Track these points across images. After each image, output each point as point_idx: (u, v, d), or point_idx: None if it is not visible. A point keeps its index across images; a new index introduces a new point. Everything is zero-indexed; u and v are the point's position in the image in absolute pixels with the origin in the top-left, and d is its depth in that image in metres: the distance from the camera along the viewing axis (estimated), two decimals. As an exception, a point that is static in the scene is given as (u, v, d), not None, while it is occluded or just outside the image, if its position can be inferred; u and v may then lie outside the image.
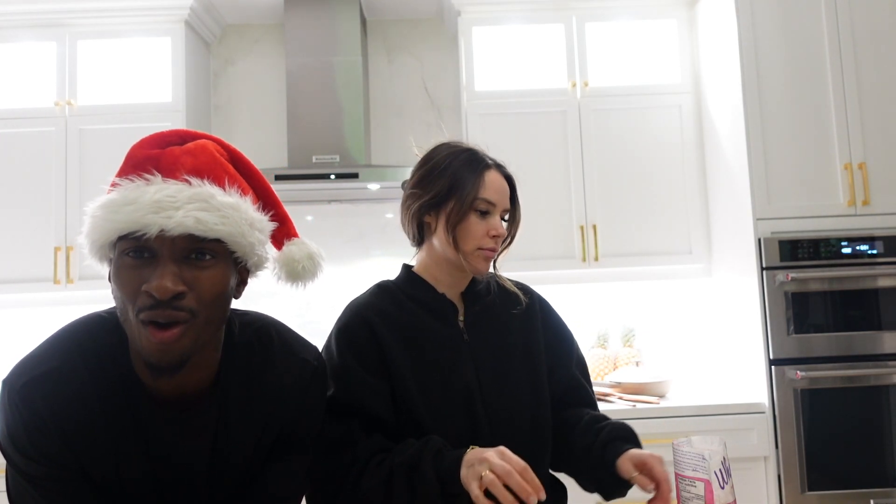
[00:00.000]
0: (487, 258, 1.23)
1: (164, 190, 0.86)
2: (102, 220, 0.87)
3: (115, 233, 0.86)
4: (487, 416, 1.19)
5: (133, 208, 0.85)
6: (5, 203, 2.69)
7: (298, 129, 2.82)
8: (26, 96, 2.75)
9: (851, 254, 2.40)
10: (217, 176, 0.91)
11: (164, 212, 0.84)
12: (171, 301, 0.84)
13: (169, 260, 0.85)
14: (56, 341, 0.95)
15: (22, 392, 0.88)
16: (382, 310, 1.25)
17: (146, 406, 0.92)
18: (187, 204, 0.85)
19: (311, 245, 1.02)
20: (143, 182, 0.87)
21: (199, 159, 0.91)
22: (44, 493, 0.89)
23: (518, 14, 2.85)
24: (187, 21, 2.81)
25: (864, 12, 2.51)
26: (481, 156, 1.30)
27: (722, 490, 0.99)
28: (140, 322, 0.85)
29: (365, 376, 1.15)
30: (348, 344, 1.19)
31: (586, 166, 2.77)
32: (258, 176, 1.01)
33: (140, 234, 0.84)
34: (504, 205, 1.25)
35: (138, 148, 0.93)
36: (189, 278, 0.86)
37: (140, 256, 0.86)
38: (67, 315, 1.00)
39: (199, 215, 0.85)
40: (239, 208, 0.90)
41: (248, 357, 0.99)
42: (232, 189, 0.91)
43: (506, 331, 1.28)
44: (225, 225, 0.88)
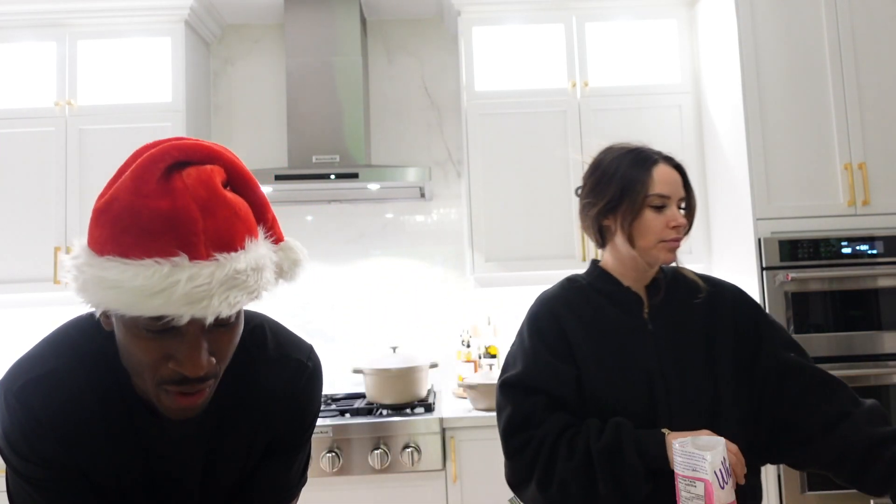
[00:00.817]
0: (671, 248, 1.28)
1: (195, 279, 0.77)
2: (122, 303, 0.77)
3: (136, 314, 0.78)
4: (668, 402, 1.24)
5: (163, 302, 0.76)
6: (5, 203, 2.69)
7: (298, 130, 2.82)
8: (26, 96, 2.75)
9: (851, 254, 2.40)
10: (236, 233, 0.83)
11: (198, 304, 0.77)
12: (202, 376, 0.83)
13: (199, 335, 0.82)
14: (52, 343, 0.94)
15: (18, 394, 0.88)
16: (569, 301, 1.34)
17: (141, 414, 0.92)
18: (219, 287, 0.79)
19: (297, 251, 0.96)
20: (170, 266, 0.77)
21: (218, 219, 0.81)
22: (43, 493, 0.89)
23: (518, 14, 2.85)
24: (187, 21, 2.81)
25: (864, 12, 2.51)
26: (647, 153, 1.34)
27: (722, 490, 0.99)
28: (163, 390, 0.84)
29: (551, 360, 1.27)
30: (538, 331, 1.31)
31: (587, 166, 2.77)
32: (252, 185, 0.92)
33: (168, 320, 0.78)
34: (679, 194, 1.29)
35: (138, 195, 0.78)
36: (214, 344, 0.84)
37: (162, 331, 0.81)
38: (67, 315, 1.00)
39: (231, 298, 0.79)
40: (259, 266, 0.84)
41: (242, 359, 0.99)
42: (251, 241, 0.84)
43: (688, 321, 1.32)
44: (250, 294, 0.83)
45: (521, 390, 1.26)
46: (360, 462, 2.35)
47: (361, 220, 3.10)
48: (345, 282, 3.08)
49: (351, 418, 2.42)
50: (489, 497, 2.38)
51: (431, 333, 3.05)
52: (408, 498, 2.37)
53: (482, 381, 2.50)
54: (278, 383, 1.01)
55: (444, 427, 2.40)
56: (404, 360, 2.55)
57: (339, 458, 2.34)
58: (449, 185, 3.13)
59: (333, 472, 2.33)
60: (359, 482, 2.36)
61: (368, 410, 2.50)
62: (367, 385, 2.57)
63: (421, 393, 2.56)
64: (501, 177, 2.78)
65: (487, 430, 2.41)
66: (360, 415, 2.47)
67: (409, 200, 3.06)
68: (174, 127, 2.72)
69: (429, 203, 3.11)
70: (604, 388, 1.25)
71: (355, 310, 3.06)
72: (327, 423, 2.36)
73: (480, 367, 2.85)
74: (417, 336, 3.04)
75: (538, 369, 1.26)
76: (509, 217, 2.76)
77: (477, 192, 2.77)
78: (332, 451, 2.34)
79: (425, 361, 2.60)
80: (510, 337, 3.00)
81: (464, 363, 2.86)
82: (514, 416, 1.24)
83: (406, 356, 2.58)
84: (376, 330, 3.05)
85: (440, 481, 2.38)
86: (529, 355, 1.29)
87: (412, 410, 2.49)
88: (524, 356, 1.29)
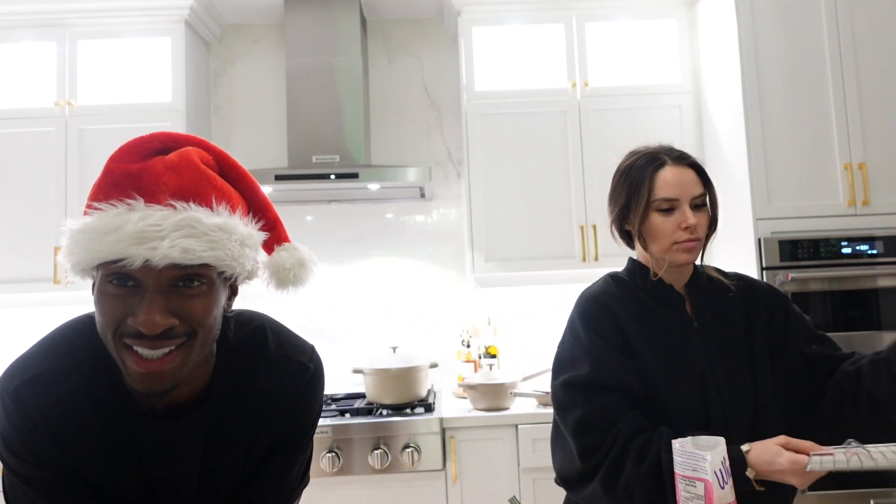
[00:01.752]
0: (687, 249, 1.27)
1: (148, 218, 0.80)
2: (81, 246, 0.82)
3: (96, 261, 0.82)
4: (720, 401, 1.24)
5: (114, 238, 0.79)
6: (5, 203, 2.69)
7: (298, 129, 2.82)
8: (26, 96, 2.75)
9: (851, 254, 2.40)
10: (204, 193, 0.85)
11: (148, 242, 0.79)
12: (159, 335, 0.81)
13: (155, 292, 0.81)
14: (47, 344, 0.94)
15: (14, 395, 0.88)
16: (618, 296, 1.33)
17: (136, 416, 0.92)
18: (172, 232, 0.80)
19: (302, 251, 0.97)
20: (125, 207, 0.81)
21: (184, 176, 0.84)
22: (40, 493, 0.89)
23: (518, 14, 2.85)
24: (187, 21, 2.81)
25: (864, 12, 2.51)
26: (655, 155, 1.34)
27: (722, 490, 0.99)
28: (123, 346, 0.83)
29: (616, 356, 1.24)
30: (595, 328, 1.27)
31: (586, 166, 2.77)
32: (247, 179, 0.95)
33: (123, 263, 0.80)
34: (690, 193, 1.28)
35: (117, 161, 0.86)
36: (178, 307, 0.83)
37: (124, 284, 0.82)
38: (67, 315, 1.00)
39: (186, 244, 0.80)
40: (228, 228, 0.85)
41: (242, 361, 0.98)
42: (220, 206, 0.86)
43: (728, 318, 1.33)
44: (213, 250, 0.83)
45: (590, 389, 1.22)
46: (360, 462, 2.35)
47: (361, 220, 3.10)
48: (345, 282, 3.08)
49: (351, 418, 2.42)
50: (489, 497, 2.38)
51: (431, 333, 3.04)
52: (408, 498, 2.37)
53: (482, 381, 2.50)
54: (279, 385, 1.01)
55: (444, 427, 2.40)
56: (404, 360, 2.55)
57: (339, 458, 2.34)
58: (449, 185, 3.13)
59: (333, 472, 2.33)
60: (359, 482, 2.36)
61: (368, 410, 2.50)
62: (367, 385, 2.57)
63: (421, 393, 2.56)
64: (501, 177, 2.78)
65: (487, 430, 2.41)
66: (360, 415, 2.47)
67: (409, 200, 3.06)
68: (174, 127, 2.72)
69: (429, 203, 3.11)
70: (662, 386, 1.24)
71: (355, 310, 3.06)
72: (327, 423, 2.36)
73: (480, 367, 2.85)
74: (417, 336, 3.04)
75: (605, 366, 1.23)
76: (509, 217, 2.76)
77: (477, 192, 2.77)
78: (332, 451, 2.34)
79: (425, 361, 2.60)
80: (510, 337, 3.02)
81: (464, 363, 2.86)
82: (585, 417, 1.20)
83: (406, 356, 2.58)
84: (376, 330, 3.05)
85: (440, 481, 2.38)
86: (592, 353, 1.25)
87: (412, 410, 2.49)
88: (586, 354, 1.25)
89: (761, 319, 1.34)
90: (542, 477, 2.39)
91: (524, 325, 3.04)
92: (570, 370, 1.26)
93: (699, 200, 1.30)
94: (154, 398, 0.86)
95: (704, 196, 1.31)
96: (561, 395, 1.26)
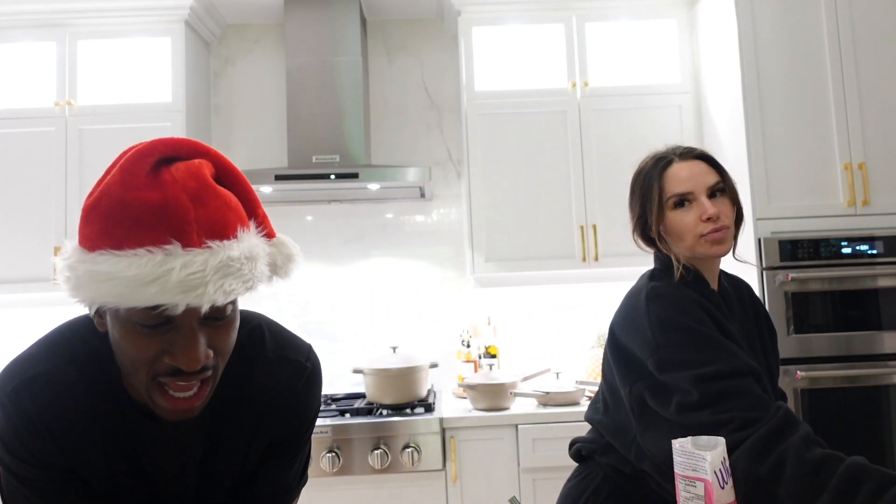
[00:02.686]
0: (716, 240, 1.23)
1: (189, 266, 0.77)
2: (116, 296, 0.77)
3: (131, 306, 0.78)
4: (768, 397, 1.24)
5: (157, 290, 0.76)
6: (5, 203, 2.69)
7: (298, 129, 2.82)
8: (26, 96, 2.75)
9: (851, 254, 2.40)
10: (230, 224, 0.83)
11: (193, 291, 0.77)
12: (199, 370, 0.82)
13: (193, 328, 0.81)
14: (46, 345, 0.94)
15: (11, 395, 0.88)
16: (689, 286, 1.24)
17: (135, 417, 0.92)
18: (214, 275, 0.78)
19: (289, 246, 0.96)
20: (163, 254, 0.77)
21: (210, 208, 0.81)
22: (39, 494, 0.89)
23: (518, 14, 2.85)
24: (187, 21, 2.81)
25: (864, 12, 2.51)
26: (662, 155, 1.30)
27: (722, 490, 0.99)
28: (156, 386, 0.83)
29: (727, 341, 1.14)
30: (695, 318, 1.16)
31: (586, 166, 2.77)
32: (241, 180, 0.92)
33: (163, 309, 0.77)
34: (704, 184, 1.24)
35: (127, 188, 0.79)
36: (210, 337, 0.84)
37: (159, 324, 0.80)
38: (67, 315, 1.00)
39: (227, 286, 0.79)
40: (253, 256, 0.84)
41: (240, 361, 0.98)
42: (243, 231, 0.84)
43: (749, 316, 1.33)
44: (246, 282, 0.82)
45: (735, 376, 1.10)
46: (360, 462, 2.35)
47: (361, 220, 3.10)
48: (345, 282, 3.08)
49: (351, 418, 2.42)
50: (489, 497, 2.38)
51: (431, 333, 3.05)
52: (408, 498, 2.37)
53: (482, 381, 2.50)
54: (277, 384, 1.01)
55: (444, 427, 2.40)
56: (404, 360, 2.55)
57: (339, 458, 2.34)
58: (449, 185, 3.13)
59: (333, 472, 2.33)
60: (359, 482, 2.36)
61: (368, 410, 2.50)
62: (367, 385, 2.57)
63: (421, 393, 2.56)
64: (501, 177, 2.78)
65: (487, 429, 2.41)
66: (360, 415, 2.47)
67: (409, 200, 3.06)
68: (174, 127, 2.72)
69: (429, 203, 3.11)
70: None
71: (355, 310, 3.06)
72: (327, 423, 2.36)
73: (480, 367, 2.85)
74: (417, 336, 3.04)
75: (727, 352, 1.12)
76: (509, 217, 2.76)
77: (477, 192, 2.77)
78: (332, 451, 2.34)
79: (425, 361, 2.60)
80: (510, 337, 3.02)
81: (464, 363, 2.86)
82: (736, 407, 1.08)
83: (406, 356, 2.58)
84: (376, 330, 3.05)
85: (440, 481, 2.38)
86: (707, 343, 1.13)
87: (412, 410, 2.49)
88: (702, 345, 1.13)
89: (761, 322, 1.34)
90: (542, 477, 2.39)
91: (524, 325, 3.04)
92: (694, 368, 1.12)
93: (717, 188, 1.25)
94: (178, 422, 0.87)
95: (721, 183, 1.26)
96: (695, 392, 1.11)
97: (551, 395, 2.50)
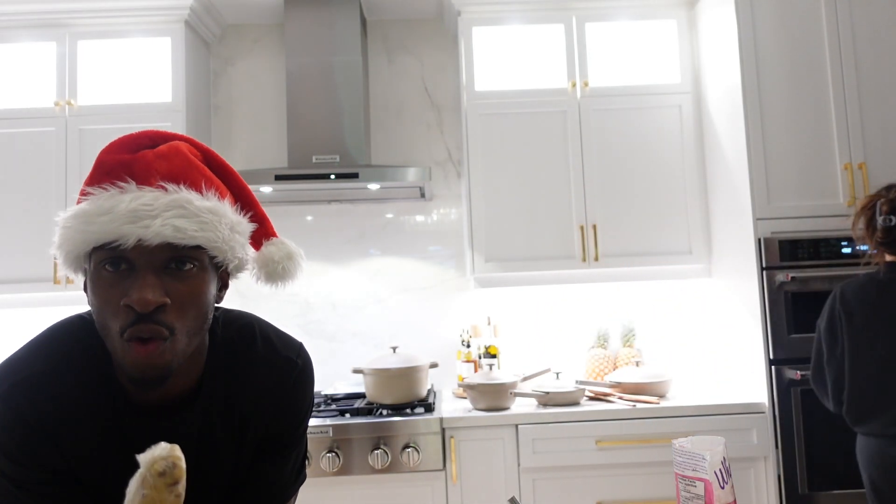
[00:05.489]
0: None
1: (140, 198, 0.83)
2: (75, 231, 0.84)
3: (90, 244, 0.84)
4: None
5: (108, 219, 0.82)
6: (5, 203, 2.69)
7: (298, 129, 2.82)
8: (26, 96, 2.75)
9: (851, 254, 2.40)
10: (194, 179, 0.88)
11: (140, 221, 0.81)
12: (152, 314, 0.82)
13: (148, 271, 0.83)
14: (39, 345, 0.94)
15: (6, 396, 0.87)
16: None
17: (130, 416, 0.92)
18: (164, 212, 0.82)
19: (290, 245, 0.99)
20: (117, 190, 0.84)
21: (174, 163, 0.88)
22: (33, 497, 0.88)
23: (518, 14, 2.85)
24: (187, 21, 2.81)
25: (864, 12, 2.51)
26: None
27: (722, 490, 0.99)
28: (124, 340, 0.83)
29: None
30: None
31: (586, 166, 2.77)
32: (234, 175, 0.97)
33: (116, 244, 0.82)
34: None
35: (108, 153, 0.89)
36: (170, 289, 0.84)
37: (117, 268, 0.83)
38: (67, 315, 1.00)
39: (178, 223, 0.83)
40: (218, 212, 0.88)
41: (231, 358, 0.98)
42: (209, 192, 0.89)
43: None
44: (204, 231, 0.85)
45: None
46: (360, 462, 2.35)
47: (361, 220, 3.10)
48: (345, 282, 3.08)
49: (351, 418, 2.42)
50: (489, 497, 2.38)
51: (431, 333, 3.05)
52: (408, 498, 2.37)
53: (482, 381, 2.50)
54: (268, 381, 1.01)
55: (444, 427, 2.40)
56: (404, 360, 2.55)
57: (339, 458, 2.34)
58: (449, 185, 3.13)
59: (333, 472, 2.33)
60: (359, 482, 2.36)
61: (368, 410, 2.50)
62: (367, 385, 2.57)
63: (421, 393, 2.56)
64: (501, 177, 2.78)
65: (487, 430, 2.41)
66: (360, 415, 2.47)
67: (409, 200, 3.06)
68: (174, 127, 2.72)
69: (429, 203, 3.11)
70: None
71: (355, 310, 3.06)
72: (327, 423, 2.36)
73: (480, 367, 2.85)
74: (417, 336, 3.04)
75: None
76: (509, 217, 2.76)
77: (477, 192, 2.77)
78: (332, 451, 2.34)
79: (425, 361, 2.60)
80: (510, 337, 3.02)
81: (464, 363, 2.86)
82: None
83: (406, 356, 2.58)
84: (376, 330, 3.05)
85: (440, 481, 2.38)
86: None
87: (412, 410, 2.49)
88: None
89: None
90: (542, 477, 2.39)
91: (524, 325, 3.04)
92: None
93: None
94: (150, 386, 0.86)
95: None
96: None
97: (551, 395, 2.50)
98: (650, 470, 2.39)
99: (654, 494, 2.38)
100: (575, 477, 2.39)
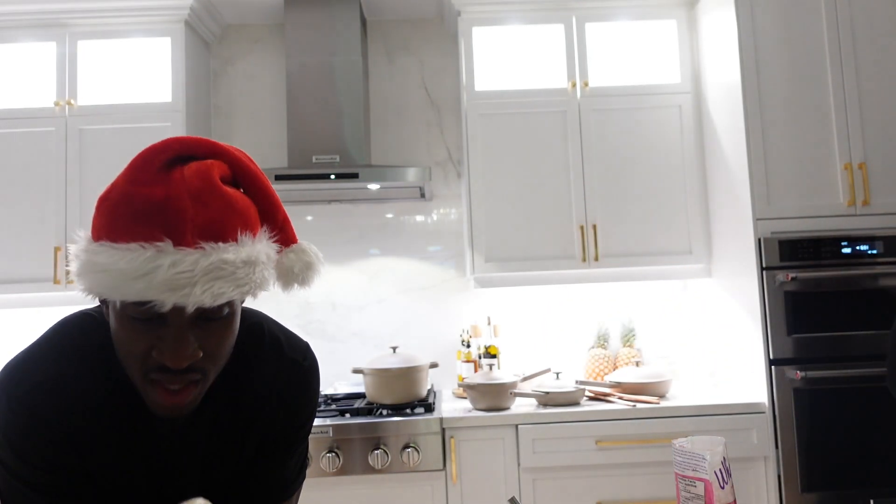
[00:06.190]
0: None
1: (178, 265, 0.77)
2: (105, 286, 0.79)
3: (122, 299, 0.80)
4: None
5: (144, 286, 0.77)
6: (5, 203, 2.69)
7: (298, 129, 2.82)
8: (26, 96, 2.75)
9: (851, 254, 2.40)
10: (230, 226, 0.82)
11: (180, 290, 0.77)
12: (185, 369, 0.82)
13: (182, 327, 0.81)
14: (52, 344, 0.93)
15: (25, 400, 0.86)
16: None
17: (143, 416, 0.92)
18: (203, 276, 0.78)
19: (310, 253, 0.95)
20: (154, 251, 0.77)
21: (211, 209, 0.81)
22: (48, 499, 0.87)
23: (518, 14, 2.85)
24: (187, 21, 2.81)
25: (864, 12, 2.51)
26: None
27: (722, 490, 1.00)
28: (149, 381, 0.83)
29: None
30: None
31: (586, 166, 2.77)
32: (260, 182, 0.91)
33: (151, 305, 0.78)
34: None
35: (133, 183, 0.80)
36: (202, 338, 0.83)
37: (149, 320, 0.81)
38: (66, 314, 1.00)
39: (216, 289, 0.79)
40: (252, 261, 0.83)
41: (239, 357, 0.98)
42: (244, 236, 0.83)
43: None
44: (240, 287, 0.82)
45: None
46: (360, 462, 2.35)
47: (361, 220, 3.10)
48: (345, 282, 3.08)
49: (351, 418, 2.42)
50: (489, 497, 2.38)
51: (431, 333, 3.05)
52: (408, 498, 2.37)
53: (482, 381, 2.50)
54: (274, 382, 1.01)
55: (443, 427, 2.40)
56: (404, 360, 2.55)
57: (338, 458, 2.34)
58: (449, 185, 3.13)
59: (333, 472, 2.33)
60: (359, 482, 2.36)
61: (368, 410, 2.50)
62: (367, 385, 2.57)
63: (421, 393, 2.56)
64: (501, 177, 2.78)
65: (487, 429, 2.41)
66: (360, 415, 2.47)
67: (409, 200, 3.06)
68: (174, 127, 2.72)
69: (429, 203, 3.11)
70: None
71: (355, 310, 3.06)
72: (327, 423, 2.36)
73: (480, 367, 2.85)
74: (417, 336, 3.04)
75: None
76: (509, 217, 2.76)
77: (477, 192, 2.77)
78: (331, 451, 2.34)
79: (425, 361, 2.60)
80: (510, 337, 3.02)
81: (464, 363, 2.86)
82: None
83: (406, 356, 2.58)
84: (376, 330, 3.05)
85: (440, 481, 2.38)
86: None
87: (412, 410, 2.49)
88: None
89: None
90: (542, 477, 2.39)
91: (524, 325, 3.04)
92: None
93: None
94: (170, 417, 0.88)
95: None
96: None
97: (551, 395, 2.50)
98: (650, 470, 2.39)
99: (654, 494, 2.38)
100: (575, 477, 2.39)
